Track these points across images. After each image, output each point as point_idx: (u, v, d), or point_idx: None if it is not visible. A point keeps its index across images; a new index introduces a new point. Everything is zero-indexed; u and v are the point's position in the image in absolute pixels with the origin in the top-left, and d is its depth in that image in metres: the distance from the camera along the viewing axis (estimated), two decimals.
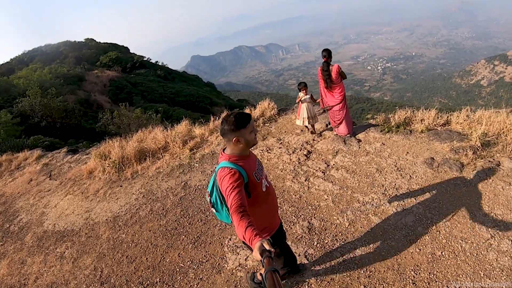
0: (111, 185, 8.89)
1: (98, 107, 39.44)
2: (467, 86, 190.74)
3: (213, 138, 9.95)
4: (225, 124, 3.13)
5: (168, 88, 60.07)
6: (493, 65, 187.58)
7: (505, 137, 7.04)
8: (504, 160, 6.40)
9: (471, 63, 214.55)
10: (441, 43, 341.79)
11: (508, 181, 5.79)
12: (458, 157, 6.76)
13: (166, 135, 10.36)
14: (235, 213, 2.76)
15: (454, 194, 5.78)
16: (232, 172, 3.05)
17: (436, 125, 8.29)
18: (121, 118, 21.91)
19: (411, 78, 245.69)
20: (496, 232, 4.87)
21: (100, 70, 63.87)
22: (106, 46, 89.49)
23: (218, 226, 6.18)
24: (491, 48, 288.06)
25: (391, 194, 6.11)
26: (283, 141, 8.96)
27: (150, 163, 9.37)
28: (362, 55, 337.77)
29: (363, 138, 8.25)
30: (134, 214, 7.33)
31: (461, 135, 7.53)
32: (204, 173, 8.27)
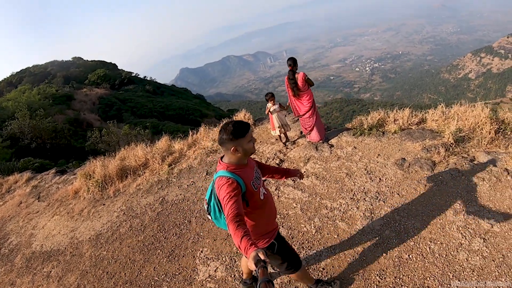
0: (95, 204, 9.01)
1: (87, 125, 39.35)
2: (456, 80, 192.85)
3: (190, 153, 10.03)
4: (223, 134, 3.13)
5: (157, 103, 59.99)
6: (479, 58, 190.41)
7: (481, 131, 7.03)
8: (479, 155, 6.43)
9: (458, 57, 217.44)
10: (427, 40, 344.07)
11: (482, 176, 5.80)
12: (430, 155, 6.75)
13: (146, 152, 10.46)
14: (232, 222, 2.79)
15: (424, 194, 5.79)
16: (229, 182, 3.07)
17: (411, 124, 8.32)
18: (110, 136, 21.96)
19: (400, 76, 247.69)
20: (468, 231, 4.85)
21: (89, 88, 63.72)
22: (94, 64, 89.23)
23: (191, 239, 6.32)
24: (477, 41, 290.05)
25: (360, 199, 6.12)
26: (257, 151, 9.07)
27: (131, 180, 9.47)
28: (350, 57, 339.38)
29: (336, 143, 8.31)
30: (115, 231, 7.46)
31: (434, 132, 7.57)
32: (180, 187, 8.34)
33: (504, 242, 4.57)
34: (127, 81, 77.59)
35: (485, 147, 6.66)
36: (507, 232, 4.69)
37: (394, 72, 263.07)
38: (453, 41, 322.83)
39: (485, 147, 6.66)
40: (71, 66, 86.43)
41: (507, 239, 4.60)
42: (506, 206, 5.11)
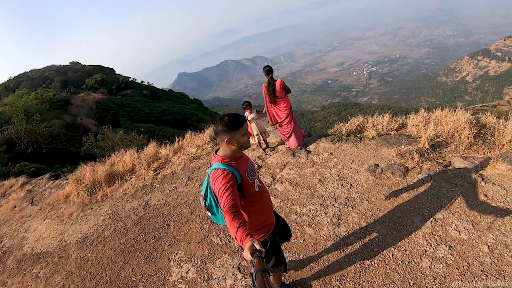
0: (83, 208, 9.22)
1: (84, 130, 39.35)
2: (453, 83, 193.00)
3: (175, 159, 10.21)
4: (218, 124, 3.17)
5: (154, 107, 59.91)
6: (476, 61, 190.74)
7: (459, 136, 7.03)
8: (455, 160, 6.42)
9: (455, 60, 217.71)
10: (424, 43, 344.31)
11: (454, 182, 5.81)
12: (404, 161, 6.79)
13: (133, 158, 10.66)
14: (228, 213, 2.83)
15: (393, 201, 5.81)
16: (224, 173, 3.10)
17: (391, 130, 8.36)
18: (105, 141, 22.02)
19: (397, 80, 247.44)
20: (434, 238, 4.86)
21: (86, 93, 63.60)
22: (92, 69, 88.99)
23: (168, 242, 6.52)
24: (474, 44, 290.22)
25: (329, 205, 6.17)
26: None
27: (118, 185, 9.67)
28: (347, 61, 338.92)
29: (313, 149, 8.39)
30: (100, 235, 7.67)
31: (411, 138, 7.62)
32: (163, 193, 8.57)
33: (470, 250, 4.59)
34: (125, 86, 77.41)
35: (462, 152, 6.67)
36: (475, 240, 4.70)
37: (392, 76, 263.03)
38: (450, 44, 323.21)
39: (463, 152, 6.67)
40: (68, 71, 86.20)
41: (474, 247, 4.61)
42: (476, 212, 5.12)
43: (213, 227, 6.46)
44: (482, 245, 4.59)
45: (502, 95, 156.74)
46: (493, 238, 4.65)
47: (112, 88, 74.42)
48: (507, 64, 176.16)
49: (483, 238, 4.70)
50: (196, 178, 8.66)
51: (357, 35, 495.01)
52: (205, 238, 6.24)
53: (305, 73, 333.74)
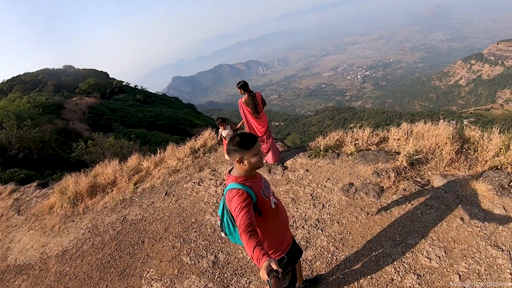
0: (66, 220, 9.20)
1: (76, 135, 39.17)
2: (446, 87, 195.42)
3: (155, 172, 10.12)
4: (230, 144, 3.18)
5: (147, 112, 59.79)
6: (470, 65, 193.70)
7: (441, 152, 6.84)
8: (434, 179, 6.24)
9: (449, 64, 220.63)
10: (418, 47, 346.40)
11: (430, 204, 5.58)
12: (380, 180, 6.55)
13: (115, 170, 10.57)
14: (244, 232, 2.82)
15: (365, 224, 5.62)
16: (240, 193, 3.09)
17: (371, 144, 8.18)
18: (96, 148, 21.90)
19: (391, 84, 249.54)
20: (402, 266, 4.66)
21: (79, 98, 63.30)
22: (85, 73, 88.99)
23: (141, 259, 6.51)
24: (467, 48, 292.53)
25: (299, 226, 6.04)
26: (216, 172, 9.08)
27: (100, 198, 9.61)
28: (341, 66, 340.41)
29: (290, 165, 8.25)
30: (79, 248, 7.67)
31: (390, 154, 7.43)
32: (141, 207, 8.48)
33: (440, 279, 4.38)
34: (118, 90, 77.34)
35: (442, 169, 6.47)
36: (446, 269, 4.49)
37: (386, 80, 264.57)
38: (443, 48, 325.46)
39: (443, 169, 6.47)
40: (62, 75, 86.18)
41: (444, 276, 4.40)
42: (451, 238, 4.91)
43: (185, 246, 6.45)
44: (453, 275, 4.39)
45: (495, 99, 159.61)
46: (466, 266, 4.45)
47: (106, 92, 74.34)
48: (500, 68, 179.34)
49: (455, 266, 4.50)
50: (173, 193, 8.61)
51: (351, 39, 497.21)
52: (176, 256, 6.23)
53: (299, 78, 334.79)
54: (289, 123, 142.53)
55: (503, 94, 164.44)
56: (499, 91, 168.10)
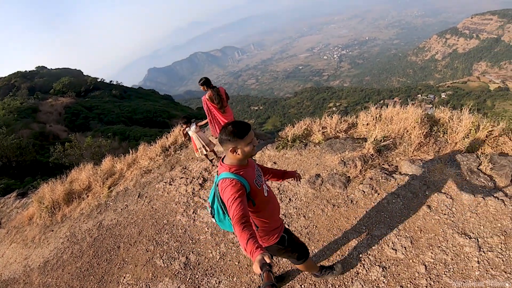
0: (45, 230, 9.16)
1: (54, 138, 38.75)
2: (423, 62, 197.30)
3: (128, 173, 10.08)
4: (223, 133, 3.05)
5: (124, 107, 59.26)
6: (445, 39, 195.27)
7: (409, 136, 6.69)
8: (403, 164, 6.09)
9: (424, 40, 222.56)
10: (393, 24, 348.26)
11: (397, 192, 5.45)
12: (346, 170, 6.38)
13: (89, 175, 10.48)
14: (237, 224, 2.77)
15: (331, 217, 5.48)
16: (233, 183, 3.02)
17: (339, 132, 7.98)
18: (73, 149, 21.65)
19: (368, 62, 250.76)
20: (368, 258, 4.58)
21: (54, 98, 62.30)
22: (59, 72, 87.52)
23: (118, 265, 6.56)
24: (442, 23, 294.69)
25: None
26: (187, 169, 8.96)
27: (76, 205, 9.57)
28: (317, 46, 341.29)
29: (259, 159, 8.09)
30: (59, 258, 7.69)
31: (357, 142, 7.21)
32: (116, 211, 8.47)
33: (406, 271, 4.28)
34: (93, 88, 76.51)
35: (411, 154, 6.31)
36: (412, 260, 4.38)
37: (362, 58, 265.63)
38: (418, 24, 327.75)
39: (412, 154, 6.30)
40: (35, 76, 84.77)
41: (410, 267, 4.30)
42: (417, 227, 4.81)
43: (158, 248, 6.49)
44: (419, 265, 4.26)
45: (472, 71, 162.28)
46: (432, 256, 4.32)
47: (81, 90, 73.54)
48: (475, 41, 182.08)
49: (421, 257, 4.37)
50: (146, 194, 8.61)
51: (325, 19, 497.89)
52: (150, 260, 6.27)
53: (275, 60, 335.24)
54: (268, 106, 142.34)
55: (479, 66, 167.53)
56: (475, 64, 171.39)
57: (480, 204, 4.81)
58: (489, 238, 4.32)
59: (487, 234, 4.38)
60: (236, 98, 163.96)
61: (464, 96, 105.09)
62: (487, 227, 4.48)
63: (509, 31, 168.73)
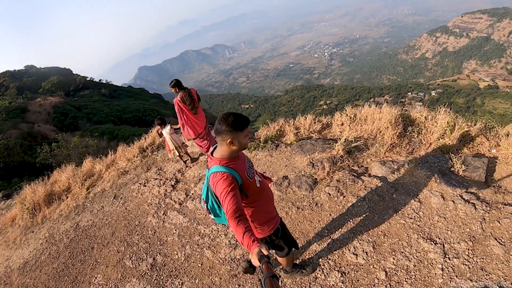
0: (26, 231, 9.24)
1: (42, 138, 38.53)
2: (413, 60, 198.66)
3: (106, 174, 10.14)
4: (222, 124, 3.01)
5: (113, 107, 58.76)
6: (435, 38, 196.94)
7: (382, 137, 6.72)
8: (373, 166, 6.08)
9: (414, 38, 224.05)
10: (383, 22, 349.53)
11: (363, 195, 5.46)
12: (314, 171, 6.36)
13: (69, 176, 10.54)
14: (232, 218, 2.79)
15: (294, 219, 5.48)
16: (224, 176, 3.01)
17: (313, 132, 8.00)
18: (60, 150, 21.55)
19: (358, 60, 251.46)
20: (327, 263, 4.58)
21: (43, 98, 61.64)
22: (48, 71, 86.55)
23: (90, 265, 6.66)
24: (432, 21, 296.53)
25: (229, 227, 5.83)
26: (162, 170, 9.10)
27: (56, 206, 9.62)
28: (308, 44, 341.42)
29: None
30: (37, 259, 7.77)
31: (327, 143, 7.23)
32: (92, 213, 8.53)
33: (365, 277, 4.27)
34: (82, 87, 75.83)
35: (383, 155, 6.30)
36: (373, 265, 4.36)
37: (353, 56, 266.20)
38: (409, 22, 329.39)
39: (383, 155, 6.30)
40: (24, 75, 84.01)
41: (370, 273, 4.29)
42: (381, 231, 4.78)
43: (128, 249, 6.58)
44: (380, 271, 4.24)
45: (462, 70, 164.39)
46: (394, 262, 4.30)
47: (70, 90, 73.00)
48: (465, 39, 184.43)
49: (383, 262, 4.34)
50: (121, 196, 8.69)
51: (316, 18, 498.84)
52: (120, 261, 6.36)
53: (266, 59, 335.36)
54: (259, 104, 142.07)
55: (469, 64, 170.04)
56: (465, 62, 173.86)
57: (449, 208, 4.80)
58: (456, 243, 4.28)
59: (454, 239, 4.35)
60: (227, 97, 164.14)
61: (454, 94, 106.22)
62: (455, 232, 4.45)
63: (499, 30, 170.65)
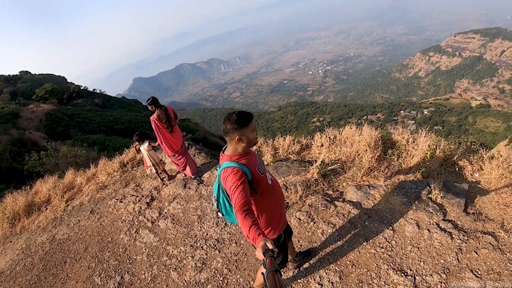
0: (4, 241, 9.18)
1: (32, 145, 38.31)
2: (406, 79, 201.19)
3: (86, 188, 10.04)
4: (227, 123, 3.15)
5: (106, 117, 58.53)
6: (428, 57, 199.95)
7: (360, 160, 6.62)
8: (348, 190, 5.95)
9: (408, 57, 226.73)
10: (377, 41, 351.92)
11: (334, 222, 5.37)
12: (287, 195, 6.27)
13: (49, 188, 10.45)
14: (239, 211, 2.85)
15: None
16: (235, 171, 3.10)
17: (291, 153, 7.97)
18: (49, 158, 21.38)
19: (352, 78, 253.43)
20: None
21: (36, 105, 61.40)
22: (42, 78, 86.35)
23: (61, 280, 6.59)
24: (425, 41, 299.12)
25: (198, 246, 5.95)
26: (139, 187, 9.00)
27: (35, 217, 9.53)
28: (303, 61, 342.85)
29: (207, 179, 8.19)
30: (13, 270, 7.67)
31: (303, 165, 7.18)
32: (68, 226, 8.43)
33: None
34: (76, 95, 75.65)
35: (360, 179, 6.21)
36: None
37: (347, 74, 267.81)
38: (402, 41, 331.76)
39: (360, 180, 6.20)
40: (18, 81, 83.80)
41: None
42: (349, 261, 4.67)
43: (98, 266, 6.52)
44: None
45: (454, 88, 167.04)
46: None
47: (63, 97, 72.77)
48: (457, 59, 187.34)
49: None
50: (97, 211, 8.66)
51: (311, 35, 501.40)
52: (90, 277, 6.28)
53: (261, 74, 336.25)
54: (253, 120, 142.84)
55: (461, 83, 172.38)
56: (457, 81, 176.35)
57: (423, 237, 4.69)
58: (428, 276, 4.14)
59: (427, 271, 4.21)
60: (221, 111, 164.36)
61: (446, 113, 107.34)
62: (428, 263, 4.30)
63: (491, 50, 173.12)
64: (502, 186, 5.15)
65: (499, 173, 5.29)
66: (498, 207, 4.87)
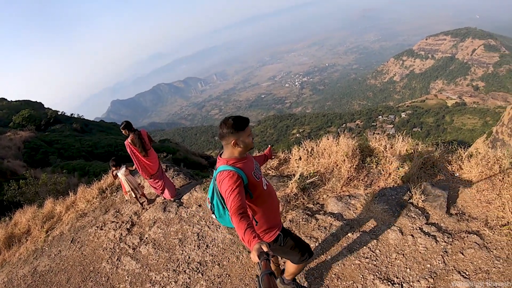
0: None
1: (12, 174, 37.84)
2: (382, 85, 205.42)
3: (66, 216, 9.85)
4: (224, 128, 3.15)
5: (85, 141, 57.96)
6: (402, 61, 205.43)
7: (339, 171, 6.57)
8: (329, 202, 5.93)
9: (382, 63, 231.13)
10: (351, 50, 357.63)
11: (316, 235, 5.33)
12: None
13: (29, 219, 10.25)
14: (235, 214, 2.82)
15: (245, 264, 5.38)
16: (230, 175, 3.09)
17: (270, 169, 7.93)
18: (28, 187, 21.10)
19: (329, 87, 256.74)
20: None
21: (13, 132, 60.61)
22: (19, 104, 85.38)
23: None
24: (398, 46, 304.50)
25: (181, 271, 5.85)
26: (119, 213, 8.85)
27: (16, 249, 9.33)
28: (279, 74, 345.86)
29: (186, 201, 8.14)
30: None
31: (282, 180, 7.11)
32: (50, 257, 8.25)
33: None
34: (54, 121, 74.94)
35: (340, 190, 6.15)
36: None
37: (323, 84, 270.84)
38: (376, 48, 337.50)
39: (340, 190, 6.15)
40: None
41: None
42: (334, 274, 4.62)
43: None
44: None
45: (429, 90, 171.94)
46: None
47: (41, 123, 72.12)
48: (430, 61, 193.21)
49: None
50: (78, 239, 8.43)
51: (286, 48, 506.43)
52: None
53: (238, 90, 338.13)
54: None
55: (436, 85, 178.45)
56: (432, 83, 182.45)
57: (408, 243, 4.66)
58: (416, 282, 4.10)
59: (414, 277, 4.17)
60: (200, 129, 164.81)
61: (423, 114, 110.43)
62: (414, 269, 4.27)
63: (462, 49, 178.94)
64: (483, 184, 5.16)
65: (478, 171, 5.39)
66: (480, 205, 4.89)
